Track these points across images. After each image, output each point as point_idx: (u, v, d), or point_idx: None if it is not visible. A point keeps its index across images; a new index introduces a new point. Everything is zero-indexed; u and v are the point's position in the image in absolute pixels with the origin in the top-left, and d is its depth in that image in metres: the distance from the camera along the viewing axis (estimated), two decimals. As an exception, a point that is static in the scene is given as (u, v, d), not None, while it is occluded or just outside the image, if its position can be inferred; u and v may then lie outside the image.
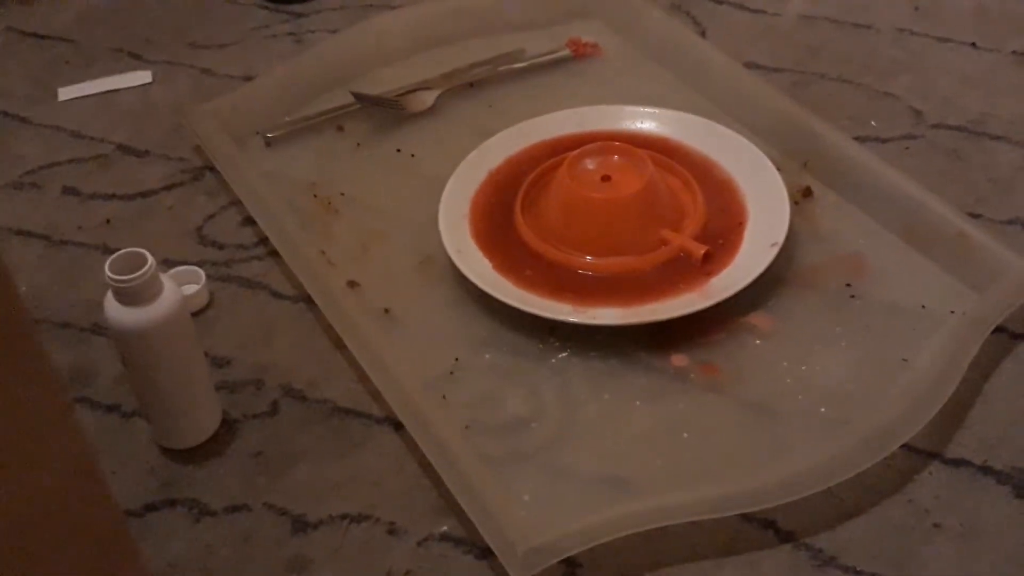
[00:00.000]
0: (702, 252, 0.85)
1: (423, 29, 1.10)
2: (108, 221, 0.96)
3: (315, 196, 0.95)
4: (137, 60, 1.14)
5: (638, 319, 0.81)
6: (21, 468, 0.47)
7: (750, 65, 1.06)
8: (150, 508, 0.75)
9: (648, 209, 0.87)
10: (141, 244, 0.72)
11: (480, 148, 0.96)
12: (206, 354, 0.80)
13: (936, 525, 0.71)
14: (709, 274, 0.84)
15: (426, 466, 0.75)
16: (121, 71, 1.12)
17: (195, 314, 0.86)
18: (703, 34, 1.11)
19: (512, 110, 1.01)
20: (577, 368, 0.81)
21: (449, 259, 0.87)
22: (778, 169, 0.91)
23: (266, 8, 1.20)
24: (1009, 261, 0.82)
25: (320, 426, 0.79)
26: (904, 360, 0.79)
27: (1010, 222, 0.90)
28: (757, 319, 0.83)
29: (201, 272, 0.88)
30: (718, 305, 0.81)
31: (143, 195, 0.99)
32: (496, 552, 0.69)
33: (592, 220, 0.87)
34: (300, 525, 0.73)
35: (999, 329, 0.80)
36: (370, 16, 1.13)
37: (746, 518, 0.71)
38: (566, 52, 1.08)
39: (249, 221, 0.94)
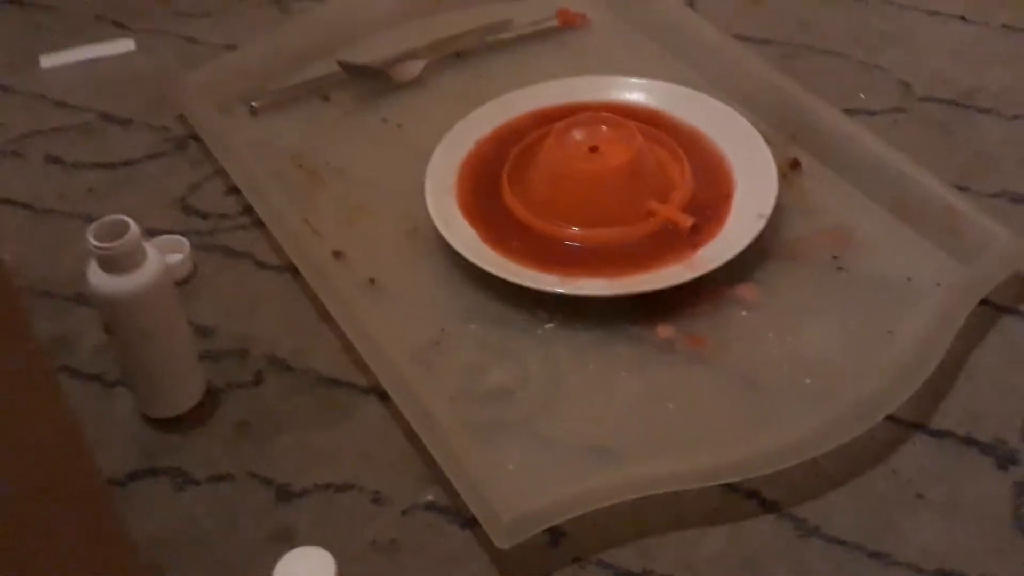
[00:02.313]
0: (689, 224, 0.85)
1: (410, -2, 1.09)
2: (91, 190, 0.95)
3: (300, 166, 0.95)
4: (120, 28, 1.12)
5: (624, 290, 0.81)
6: (3, 437, 0.47)
7: (739, 37, 1.05)
8: (133, 477, 0.75)
9: (635, 180, 0.87)
10: (124, 213, 0.72)
11: (467, 118, 0.95)
12: (190, 323, 0.80)
13: (919, 496, 0.71)
14: (696, 246, 0.84)
15: (411, 435, 0.75)
16: (104, 39, 1.11)
17: (179, 283, 0.86)
18: (692, 5, 1.10)
19: (499, 80, 1.01)
20: (563, 339, 0.80)
21: (435, 229, 0.86)
22: (766, 141, 0.90)
23: (251, -24, 1.19)
24: (995, 234, 0.82)
25: (305, 396, 0.79)
26: (889, 332, 0.79)
27: (997, 195, 0.90)
28: (743, 291, 0.83)
29: (185, 241, 0.88)
30: (704, 276, 0.81)
31: (126, 164, 0.98)
32: (481, 521, 0.69)
33: (579, 191, 0.87)
34: (284, 494, 0.73)
35: (984, 302, 0.80)
36: (357, -15, 1.12)
37: (730, 488, 0.72)
38: (554, 22, 1.07)
39: (233, 191, 0.94)
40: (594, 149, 0.88)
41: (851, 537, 0.69)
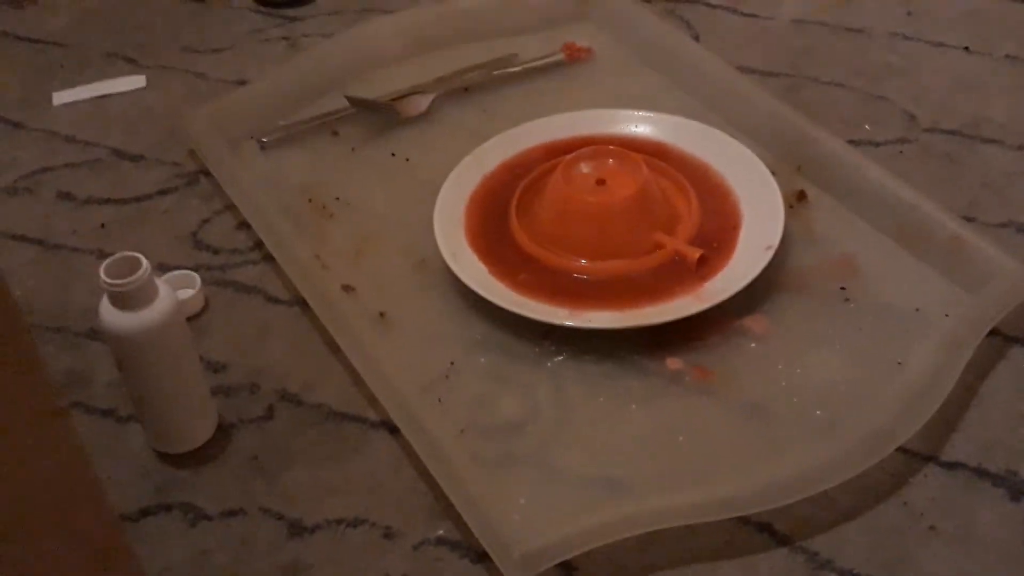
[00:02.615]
0: (697, 256, 0.85)
1: (417, 33, 1.10)
2: (103, 225, 0.96)
3: (310, 200, 0.95)
4: (131, 64, 1.14)
5: (633, 322, 0.82)
6: (15, 473, 0.47)
7: (744, 69, 1.06)
8: (146, 513, 0.75)
9: (642, 213, 0.88)
10: (136, 249, 0.72)
11: (475, 152, 0.96)
12: (201, 358, 0.80)
13: (931, 528, 0.71)
14: (703, 277, 0.84)
15: (422, 470, 0.75)
16: (115, 75, 1.12)
17: (190, 319, 0.86)
18: (696, 38, 1.11)
19: (506, 114, 1.02)
20: (572, 371, 0.81)
21: (444, 263, 0.87)
22: (772, 173, 0.91)
23: (260, 12, 1.20)
24: (1003, 264, 0.82)
25: (316, 430, 0.79)
26: (899, 363, 0.79)
27: (1004, 225, 0.90)
28: (752, 322, 0.83)
29: (196, 276, 0.88)
30: (713, 308, 0.81)
31: (138, 200, 0.99)
32: (492, 556, 0.69)
33: (587, 224, 0.87)
34: (296, 529, 0.73)
35: (993, 332, 0.80)
36: (364, 20, 1.14)
37: (742, 521, 0.72)
38: (560, 56, 1.08)
39: (244, 225, 0.94)
40: (601, 182, 0.88)
41: (864, 570, 0.69)
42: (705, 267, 0.85)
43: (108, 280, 0.71)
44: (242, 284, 0.90)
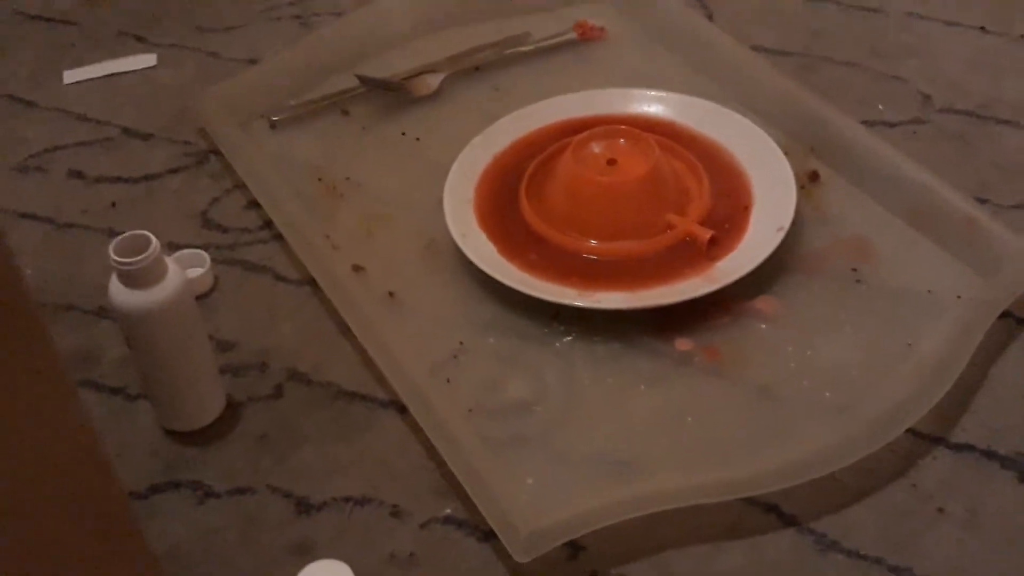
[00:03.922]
0: (708, 236, 0.84)
1: (428, 12, 1.10)
2: (113, 204, 0.96)
3: (320, 180, 0.95)
4: (142, 43, 1.14)
5: (642, 303, 0.81)
6: (25, 450, 0.48)
7: (757, 48, 1.05)
8: (154, 490, 0.75)
9: (653, 193, 0.87)
10: (146, 227, 0.72)
11: (485, 132, 0.95)
12: (211, 337, 0.80)
13: (940, 510, 0.71)
14: (714, 258, 0.84)
15: (430, 449, 0.75)
16: (126, 54, 1.12)
17: (200, 297, 0.86)
18: (710, 17, 1.10)
19: (517, 94, 1.01)
20: (581, 352, 0.81)
21: (454, 243, 0.86)
22: (785, 153, 0.90)
23: (271, -9, 1.20)
24: (1016, 246, 0.81)
25: (324, 409, 0.79)
26: (909, 345, 0.78)
27: (1017, 207, 0.89)
28: (762, 303, 0.83)
29: (206, 255, 0.88)
30: (723, 289, 0.81)
31: (148, 178, 0.99)
32: (499, 535, 0.69)
33: (597, 204, 0.87)
34: (304, 507, 0.73)
35: (1005, 314, 0.79)
36: (375, -1, 1.13)
37: (749, 502, 0.71)
38: (572, 35, 1.08)
39: (254, 205, 0.94)
40: (612, 162, 0.88)
41: (871, 551, 0.69)
42: (716, 248, 0.85)
43: (118, 259, 0.71)
44: (251, 263, 0.90)
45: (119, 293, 0.72)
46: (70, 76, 1.10)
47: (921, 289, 0.82)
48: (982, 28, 1.06)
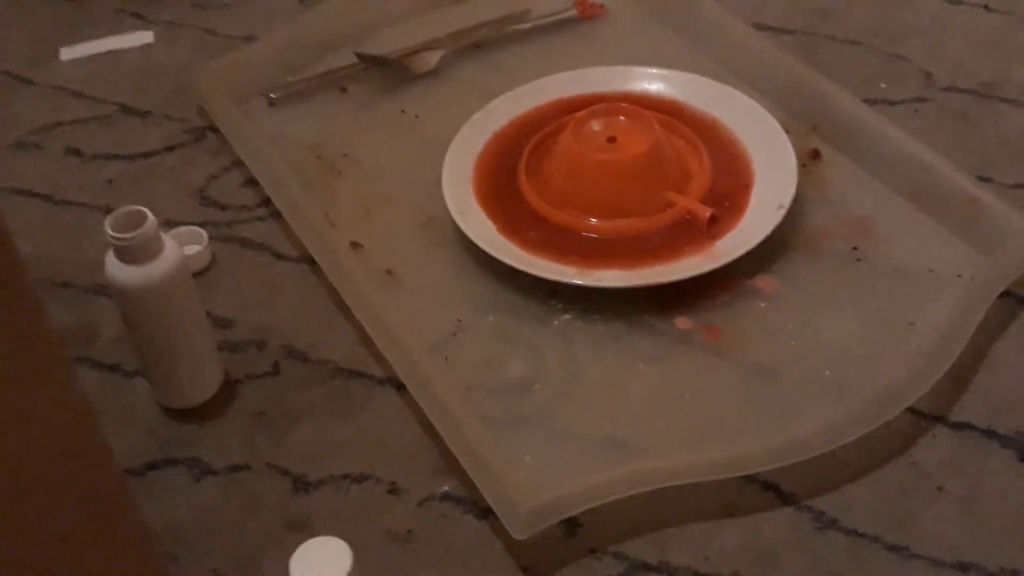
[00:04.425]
0: (708, 214, 0.84)
1: (428, -11, 1.09)
2: (110, 181, 0.96)
3: (318, 157, 0.95)
4: (139, 20, 1.13)
5: (642, 281, 0.81)
6: (21, 427, 0.47)
7: (759, 26, 1.04)
8: (151, 467, 0.75)
9: (654, 171, 0.87)
10: (143, 204, 0.72)
11: (485, 109, 0.95)
12: (208, 314, 0.80)
13: (939, 488, 0.71)
14: (714, 236, 0.83)
15: (427, 427, 0.74)
16: (124, 31, 1.11)
17: (197, 274, 0.86)
18: (711, -5, 1.10)
19: (517, 71, 1.00)
20: (580, 330, 0.80)
21: (452, 221, 0.86)
22: (786, 131, 0.90)
23: (270, -32, 1.19)
24: (1018, 225, 0.81)
25: (322, 387, 0.79)
26: (910, 324, 0.78)
27: (1019, 186, 0.89)
28: (762, 282, 0.82)
29: (203, 232, 0.88)
30: (723, 268, 0.81)
31: (145, 156, 0.98)
32: (497, 512, 0.69)
33: (597, 182, 0.86)
34: (301, 485, 0.73)
35: (1006, 294, 0.79)
36: (374, -24, 1.12)
37: (748, 480, 0.71)
38: (572, 13, 1.07)
39: (251, 182, 0.94)
40: (612, 140, 0.87)
41: (870, 530, 0.69)
42: (716, 226, 0.84)
43: (114, 234, 0.70)
44: (249, 240, 0.90)
45: (116, 269, 0.72)
46: (67, 53, 1.10)
47: (922, 268, 0.82)
48: (985, 7, 1.06)
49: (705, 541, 0.69)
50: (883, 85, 0.98)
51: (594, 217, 0.86)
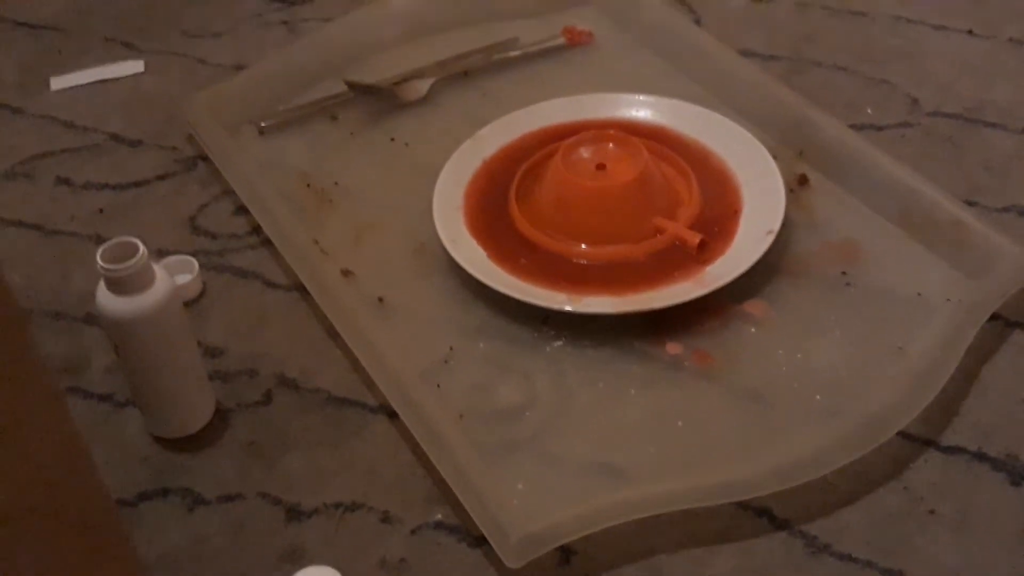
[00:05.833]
0: (697, 240, 0.84)
1: (417, 17, 1.10)
2: (101, 211, 0.96)
3: (308, 185, 0.95)
4: (129, 49, 1.13)
5: (632, 307, 0.81)
6: (11, 458, 0.47)
7: (745, 52, 1.05)
8: (143, 497, 0.75)
9: (643, 197, 0.87)
10: (134, 234, 0.72)
11: (474, 137, 0.95)
12: (199, 343, 0.80)
13: (931, 512, 0.71)
14: (704, 262, 0.84)
15: (420, 455, 0.74)
16: (113, 60, 1.12)
17: (188, 304, 0.86)
18: (698, 22, 1.11)
19: (506, 99, 1.01)
20: (571, 356, 0.80)
21: (443, 248, 0.86)
22: (773, 157, 0.90)
23: (259, -3, 1.20)
24: (1005, 248, 0.82)
25: (314, 415, 0.79)
26: (899, 348, 0.78)
27: (1006, 209, 0.90)
28: (752, 307, 0.83)
29: (194, 261, 0.88)
30: (713, 293, 0.81)
31: (136, 185, 0.98)
32: (490, 540, 0.68)
33: (587, 208, 0.87)
34: (294, 514, 0.73)
35: (995, 317, 0.80)
36: (364, 4, 1.13)
37: (741, 506, 0.71)
38: (560, 40, 1.08)
39: (242, 210, 0.94)
40: (601, 167, 0.88)
41: (863, 554, 0.69)
42: (705, 252, 0.85)
43: (105, 265, 0.70)
44: (240, 269, 0.90)
45: (107, 300, 0.72)
46: (57, 83, 1.10)
47: (911, 292, 0.82)
48: (969, 31, 1.07)
49: (699, 567, 0.69)
50: (869, 110, 0.99)
51: (584, 243, 0.86)
